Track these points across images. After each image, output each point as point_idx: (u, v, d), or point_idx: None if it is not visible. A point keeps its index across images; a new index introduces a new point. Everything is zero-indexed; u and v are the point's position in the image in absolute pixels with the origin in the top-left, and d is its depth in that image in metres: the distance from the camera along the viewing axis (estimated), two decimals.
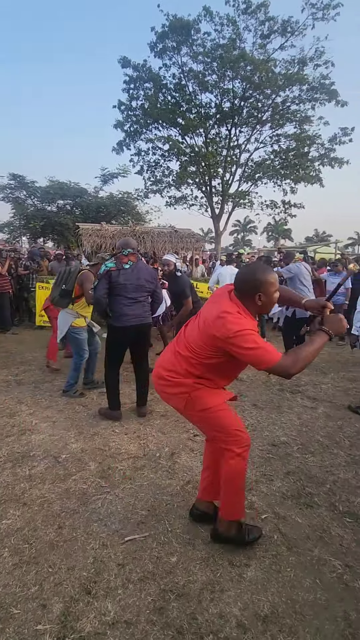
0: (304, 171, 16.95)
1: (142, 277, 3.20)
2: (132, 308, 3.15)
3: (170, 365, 1.80)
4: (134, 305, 3.16)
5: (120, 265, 3.14)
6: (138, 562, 1.77)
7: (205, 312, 1.76)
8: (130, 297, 3.14)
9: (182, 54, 16.44)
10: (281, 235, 41.26)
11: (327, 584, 1.67)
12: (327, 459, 2.70)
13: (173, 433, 3.07)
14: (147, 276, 3.26)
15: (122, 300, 3.13)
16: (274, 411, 3.54)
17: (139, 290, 3.18)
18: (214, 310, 1.66)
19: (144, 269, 3.29)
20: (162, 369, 1.83)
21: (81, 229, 7.46)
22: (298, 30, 15.47)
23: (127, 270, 3.14)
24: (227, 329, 1.56)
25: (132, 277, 3.14)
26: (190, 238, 8.58)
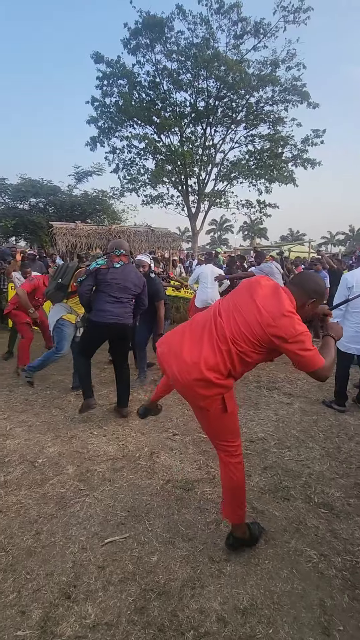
0: (278, 171, 17.31)
1: (130, 280, 3.21)
2: (113, 306, 3.15)
3: (214, 364, 1.57)
4: (115, 304, 3.16)
5: (110, 263, 3.16)
6: (118, 564, 1.76)
7: (251, 304, 1.61)
8: (113, 296, 3.15)
9: (156, 52, 16.40)
10: (257, 234, 41.93)
11: (303, 574, 1.72)
12: (303, 453, 2.79)
13: (152, 433, 3.07)
14: (135, 280, 3.26)
15: (105, 297, 3.14)
16: (251, 408, 3.61)
17: (123, 291, 3.18)
18: (272, 307, 1.56)
19: (132, 273, 3.29)
20: (205, 368, 1.57)
21: (55, 228, 7.29)
22: (270, 32, 15.78)
23: (117, 270, 3.17)
24: (295, 329, 1.53)
25: (120, 277, 3.17)
26: (167, 237, 8.57)
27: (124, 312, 3.20)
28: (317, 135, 16.92)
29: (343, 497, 2.27)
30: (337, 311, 3.37)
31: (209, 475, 2.46)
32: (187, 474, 2.48)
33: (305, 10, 15.17)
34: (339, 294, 3.36)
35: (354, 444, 2.94)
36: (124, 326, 3.22)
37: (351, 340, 3.34)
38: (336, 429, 3.20)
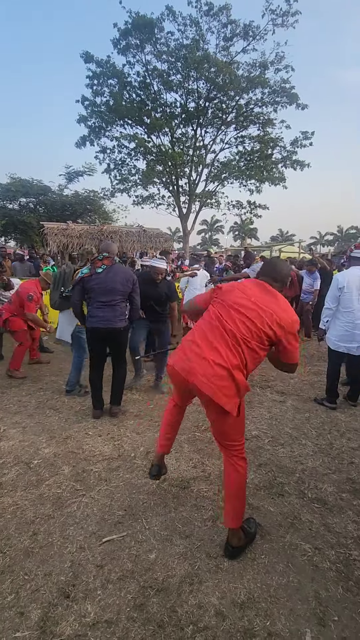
0: (268, 172, 17.45)
1: (117, 281, 3.20)
2: (102, 310, 3.16)
3: (237, 364, 1.63)
4: (104, 308, 3.16)
5: (93, 270, 3.20)
6: (117, 562, 1.78)
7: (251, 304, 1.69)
8: (100, 301, 3.17)
9: (146, 52, 16.38)
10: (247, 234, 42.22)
11: (298, 567, 1.76)
12: (296, 450, 2.84)
13: (147, 433, 3.08)
14: (122, 280, 3.24)
15: (94, 303, 3.19)
16: (246, 408, 3.64)
17: (110, 294, 3.18)
18: (271, 304, 1.70)
19: (119, 272, 3.27)
20: (233, 368, 1.61)
21: (46, 228, 7.23)
22: (259, 34, 15.89)
23: (100, 275, 3.18)
24: (295, 322, 1.73)
25: (104, 281, 3.18)
26: (159, 238, 8.58)
27: (113, 315, 3.18)
28: (305, 137, 17.07)
29: (336, 492, 2.32)
30: (327, 311, 3.44)
31: (205, 473, 2.49)
32: (182, 473, 2.50)
33: (293, 13, 15.31)
34: (330, 295, 3.43)
35: (345, 440, 3.01)
36: (114, 330, 3.20)
37: (341, 338, 3.40)
38: (328, 425, 3.26)
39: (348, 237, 45.50)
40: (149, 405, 3.67)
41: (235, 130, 18.06)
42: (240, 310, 1.69)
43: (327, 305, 3.43)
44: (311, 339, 6.64)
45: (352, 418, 3.42)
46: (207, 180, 18.30)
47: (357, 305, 3.34)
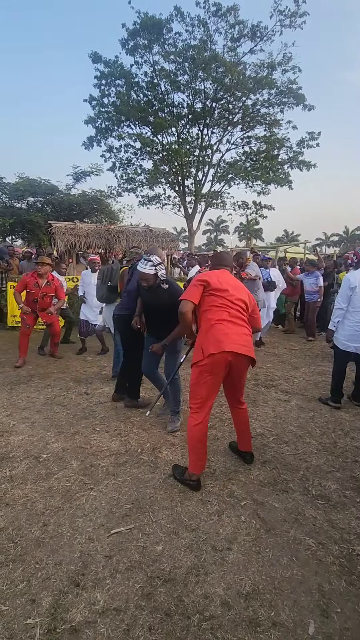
0: (274, 173, 17.43)
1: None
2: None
3: (249, 332, 2.39)
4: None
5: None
6: (125, 553, 1.82)
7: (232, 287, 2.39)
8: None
9: (154, 53, 16.44)
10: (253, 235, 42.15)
11: (302, 561, 1.80)
12: (301, 448, 2.87)
13: (154, 429, 3.13)
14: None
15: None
16: (250, 405, 3.67)
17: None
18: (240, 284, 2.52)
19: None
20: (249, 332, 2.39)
21: (54, 228, 7.31)
22: (267, 35, 15.87)
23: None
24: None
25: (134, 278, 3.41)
26: (165, 237, 8.63)
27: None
28: (312, 137, 17.04)
29: (339, 489, 2.35)
30: (339, 311, 3.46)
31: (210, 469, 2.53)
32: None
33: (301, 14, 15.29)
34: (341, 295, 3.43)
35: (349, 439, 3.03)
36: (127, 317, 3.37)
37: (350, 338, 3.42)
38: (332, 424, 3.28)
39: (354, 238, 45.26)
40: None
41: (241, 130, 18.06)
42: (230, 292, 2.35)
43: (338, 305, 3.44)
44: (315, 339, 6.65)
45: (356, 417, 3.44)
46: (212, 181, 18.32)
47: None
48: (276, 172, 17.52)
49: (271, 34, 15.86)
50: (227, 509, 2.13)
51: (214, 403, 2.38)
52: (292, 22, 15.43)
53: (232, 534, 1.95)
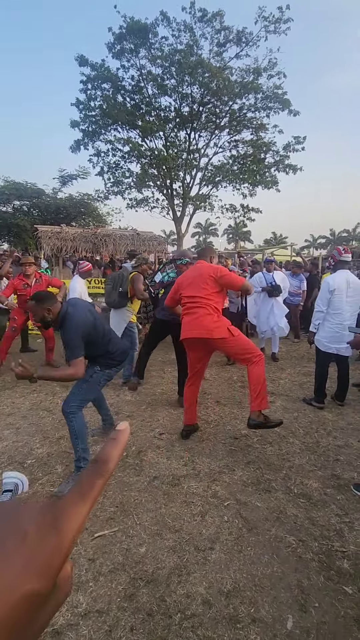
0: (261, 176, 17.65)
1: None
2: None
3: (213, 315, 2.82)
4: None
5: (180, 273, 3.71)
6: (108, 556, 1.84)
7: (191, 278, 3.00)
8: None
9: (140, 57, 16.52)
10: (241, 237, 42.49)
11: (282, 558, 1.84)
12: (284, 448, 2.92)
13: (139, 432, 3.15)
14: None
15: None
16: (235, 407, 3.73)
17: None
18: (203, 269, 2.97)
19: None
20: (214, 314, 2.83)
21: (40, 232, 7.27)
22: (252, 41, 16.11)
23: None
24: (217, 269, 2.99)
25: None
26: (152, 241, 8.66)
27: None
28: (298, 142, 17.32)
29: (320, 487, 2.41)
30: (319, 314, 3.54)
31: (195, 471, 2.56)
32: (173, 470, 2.57)
33: (285, 21, 15.57)
34: (321, 297, 3.52)
35: (331, 438, 3.10)
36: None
37: (331, 340, 3.51)
38: (315, 424, 3.35)
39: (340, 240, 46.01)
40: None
41: (228, 134, 18.25)
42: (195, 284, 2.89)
43: (318, 307, 3.53)
44: (301, 340, 6.76)
45: (339, 417, 3.52)
46: (200, 184, 18.46)
47: (346, 307, 3.45)
48: (263, 175, 17.75)
49: (256, 40, 16.11)
50: (211, 510, 2.17)
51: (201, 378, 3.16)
52: (276, 28, 15.70)
53: (215, 534, 1.98)
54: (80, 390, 2.46)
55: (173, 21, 16.09)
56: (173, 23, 16.12)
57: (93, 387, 2.54)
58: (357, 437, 3.11)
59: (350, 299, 3.46)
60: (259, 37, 16.05)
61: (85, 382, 2.47)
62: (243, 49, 16.45)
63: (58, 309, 2.29)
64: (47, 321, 2.28)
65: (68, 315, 2.30)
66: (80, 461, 2.40)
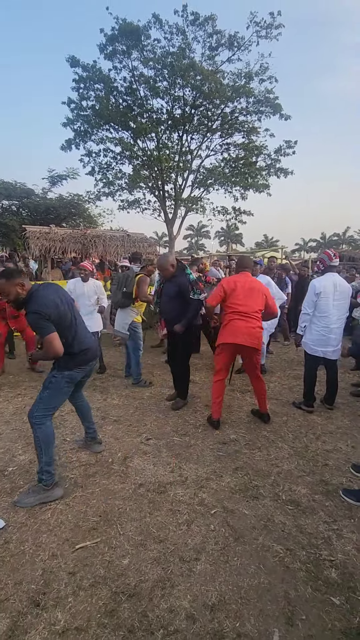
0: (253, 179, 17.75)
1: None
2: None
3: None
4: None
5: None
6: (89, 569, 1.77)
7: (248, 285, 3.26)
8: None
9: (133, 59, 16.50)
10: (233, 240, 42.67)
11: (269, 568, 1.79)
12: (273, 453, 2.88)
13: (126, 438, 3.08)
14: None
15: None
16: (224, 411, 3.67)
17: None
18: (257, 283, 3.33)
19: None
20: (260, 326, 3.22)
21: (28, 232, 7.15)
22: (244, 45, 16.23)
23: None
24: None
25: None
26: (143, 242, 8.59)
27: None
28: (289, 145, 17.49)
29: (309, 493, 2.37)
30: (305, 316, 3.52)
31: (182, 478, 2.50)
32: (160, 477, 2.50)
33: (277, 26, 15.74)
34: (307, 300, 3.51)
35: (320, 442, 3.07)
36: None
37: (317, 343, 3.49)
38: (305, 428, 3.32)
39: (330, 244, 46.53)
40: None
41: (220, 137, 18.32)
42: (249, 296, 3.17)
43: (305, 310, 3.51)
44: (291, 342, 6.76)
45: (328, 421, 3.50)
46: (192, 186, 18.47)
47: (333, 310, 3.44)
48: (254, 178, 17.85)
49: (248, 44, 16.23)
50: (197, 518, 2.11)
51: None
52: (268, 34, 15.84)
53: (200, 544, 1.92)
54: (42, 399, 2.27)
55: (165, 24, 16.13)
56: (165, 26, 16.15)
57: (55, 393, 2.30)
58: (346, 441, 3.09)
59: (337, 302, 3.45)
60: (251, 42, 16.18)
61: (46, 389, 2.29)
62: (235, 53, 16.56)
63: (30, 286, 2.15)
64: (21, 300, 2.11)
65: (35, 293, 2.14)
66: (43, 474, 2.23)
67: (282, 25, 15.60)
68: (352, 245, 41.79)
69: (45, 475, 2.24)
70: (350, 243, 43.89)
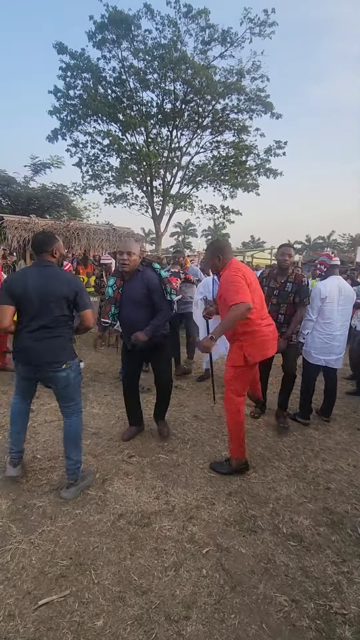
0: (242, 179, 17.59)
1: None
2: None
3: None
4: None
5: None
6: (54, 634, 1.43)
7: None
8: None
9: (123, 49, 15.99)
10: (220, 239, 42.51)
11: (273, 628, 1.49)
12: (270, 474, 2.59)
13: (106, 455, 2.73)
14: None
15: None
16: (214, 422, 3.38)
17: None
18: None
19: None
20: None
21: (6, 221, 6.67)
22: (237, 42, 15.97)
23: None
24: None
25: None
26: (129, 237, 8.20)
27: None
28: (279, 146, 17.39)
29: (312, 525, 2.10)
30: (308, 322, 3.25)
31: (168, 506, 2.18)
32: (143, 505, 2.18)
33: (270, 24, 15.53)
34: (311, 305, 3.22)
35: (320, 461, 2.81)
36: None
37: (320, 351, 3.23)
38: (302, 444, 3.06)
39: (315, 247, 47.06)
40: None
41: (211, 134, 18.06)
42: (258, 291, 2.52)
43: (308, 316, 3.23)
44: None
45: (325, 435, 3.25)
46: (181, 183, 18.14)
47: (337, 316, 3.18)
48: (244, 177, 17.68)
49: (241, 41, 15.98)
50: (187, 560, 1.80)
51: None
52: (261, 31, 15.63)
53: (191, 596, 1.61)
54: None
55: (157, 14, 15.69)
56: (157, 16, 15.71)
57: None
58: (347, 460, 2.84)
59: (342, 308, 3.20)
60: (244, 39, 15.94)
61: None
62: (228, 49, 16.28)
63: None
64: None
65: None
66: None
67: (276, 23, 15.38)
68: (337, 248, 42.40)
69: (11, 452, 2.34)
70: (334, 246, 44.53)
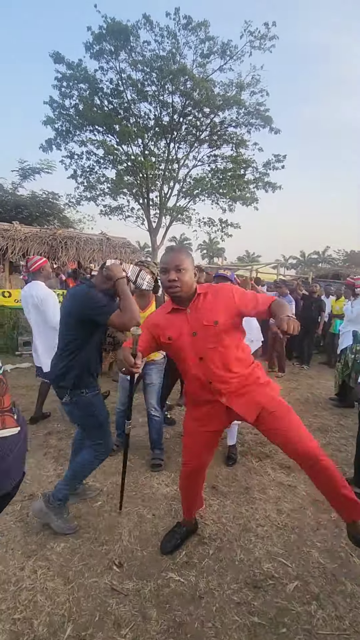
0: (241, 192, 17.15)
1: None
2: None
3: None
4: None
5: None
6: None
7: None
8: None
9: (121, 60, 15.62)
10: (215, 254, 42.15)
11: None
12: (342, 608, 1.65)
13: (85, 572, 1.76)
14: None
15: None
16: (242, 496, 2.44)
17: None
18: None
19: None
20: None
21: None
22: (236, 55, 15.74)
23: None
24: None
25: None
26: (124, 248, 7.38)
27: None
28: (278, 160, 17.03)
29: None
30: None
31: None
32: None
33: (270, 38, 15.33)
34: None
35: None
36: None
37: None
38: None
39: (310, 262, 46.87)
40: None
41: (209, 147, 17.68)
42: None
43: None
44: (285, 374, 5.70)
45: None
46: (178, 195, 17.61)
47: None
48: (242, 191, 17.24)
49: (241, 54, 15.75)
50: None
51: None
52: (261, 44, 15.42)
53: None
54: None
55: (156, 26, 15.39)
56: (156, 28, 15.41)
57: None
58: None
59: None
60: (244, 52, 15.71)
61: None
62: (227, 62, 16.02)
63: None
64: None
65: None
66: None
67: (276, 37, 15.17)
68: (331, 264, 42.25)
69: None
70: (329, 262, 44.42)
